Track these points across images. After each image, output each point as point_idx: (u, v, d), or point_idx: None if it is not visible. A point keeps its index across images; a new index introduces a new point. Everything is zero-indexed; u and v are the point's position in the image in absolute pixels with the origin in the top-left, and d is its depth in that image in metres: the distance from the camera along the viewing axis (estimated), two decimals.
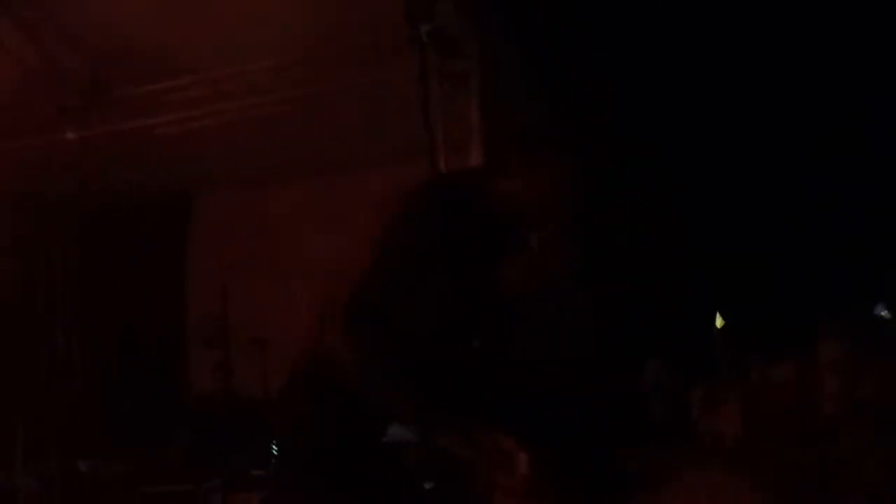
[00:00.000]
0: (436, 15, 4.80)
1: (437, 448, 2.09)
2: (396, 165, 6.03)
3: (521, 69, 4.76)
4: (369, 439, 2.24)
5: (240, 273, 6.03)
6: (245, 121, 5.82)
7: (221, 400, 5.87)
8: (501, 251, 2.28)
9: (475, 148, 5.13)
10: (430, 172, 5.21)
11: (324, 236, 6.00)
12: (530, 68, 4.71)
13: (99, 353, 7.16)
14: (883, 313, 3.27)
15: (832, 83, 4.24)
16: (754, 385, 2.98)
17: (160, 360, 6.98)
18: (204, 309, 6.45)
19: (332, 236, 5.65)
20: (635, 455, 3.15)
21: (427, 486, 2.25)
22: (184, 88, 5.79)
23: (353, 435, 2.32)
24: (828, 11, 4.13)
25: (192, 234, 7.24)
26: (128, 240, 7.09)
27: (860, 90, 4.22)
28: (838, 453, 2.26)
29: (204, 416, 5.95)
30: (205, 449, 5.68)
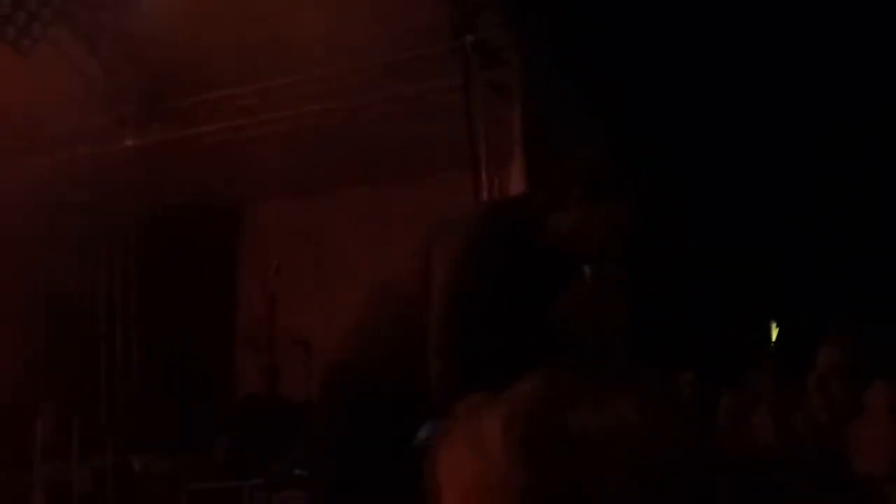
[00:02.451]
0: (479, 26, 4.87)
1: None
2: (441, 175, 6.12)
3: (563, 79, 4.81)
4: (399, 442, 2.31)
5: (287, 279, 6.17)
6: (294, 130, 5.96)
7: (267, 401, 6.00)
8: (557, 284, 2.35)
9: (517, 158, 5.19)
10: (474, 182, 5.28)
11: (368, 244, 6.10)
12: (573, 79, 4.75)
13: (154, 354, 7.37)
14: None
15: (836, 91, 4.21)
16: (783, 394, 2.98)
17: (211, 363, 7.16)
18: (253, 313, 6.60)
19: (376, 245, 5.75)
20: None
21: None
22: (235, 98, 5.96)
23: (383, 437, 2.39)
24: (832, 14, 4.10)
25: (242, 240, 7.42)
26: (182, 246, 7.29)
27: (864, 95, 4.18)
28: None
29: (250, 416, 6.09)
30: (250, 448, 5.81)
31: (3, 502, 5.77)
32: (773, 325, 3.94)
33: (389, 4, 5.07)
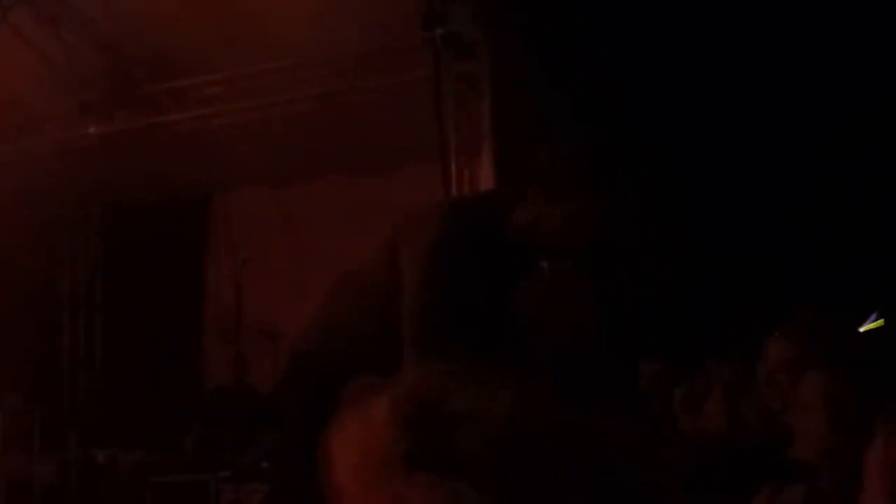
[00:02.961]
0: (450, 19, 4.86)
1: None
2: (410, 165, 6.12)
3: (533, 73, 4.82)
4: None
5: (256, 269, 6.12)
6: (263, 119, 5.91)
7: (235, 393, 5.97)
8: (518, 277, 2.41)
9: (487, 150, 5.19)
10: (443, 174, 5.28)
11: (339, 235, 6.07)
12: (543, 73, 4.76)
13: (118, 345, 7.29)
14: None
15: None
16: (735, 383, 3.04)
17: (178, 354, 7.10)
18: (220, 304, 6.56)
19: (347, 235, 5.73)
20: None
21: None
22: (204, 86, 5.89)
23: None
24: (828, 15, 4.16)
25: (210, 230, 7.34)
26: (148, 235, 7.21)
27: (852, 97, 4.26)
28: None
29: (218, 408, 6.05)
30: (218, 440, 5.78)
31: None
32: (733, 317, 4.02)
33: None
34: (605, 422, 0.93)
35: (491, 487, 0.78)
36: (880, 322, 3.57)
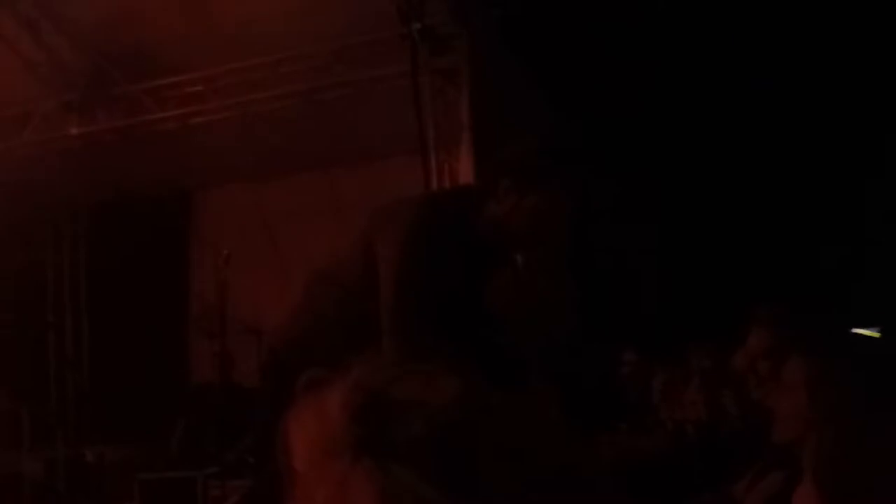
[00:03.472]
0: (426, 14, 4.91)
1: None
2: (390, 159, 6.17)
3: (510, 66, 4.88)
4: None
5: (239, 265, 6.16)
6: (243, 117, 5.94)
7: (220, 389, 6.00)
8: (491, 269, 2.46)
9: (466, 142, 5.25)
10: (423, 167, 5.33)
11: (321, 230, 6.11)
12: (519, 66, 4.82)
13: (104, 344, 7.32)
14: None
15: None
16: (714, 372, 3.11)
17: (163, 351, 7.13)
18: (205, 301, 6.59)
19: (329, 230, 5.77)
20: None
21: None
22: (184, 85, 5.92)
23: None
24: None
25: (193, 227, 7.38)
26: (132, 233, 7.23)
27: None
28: None
29: (203, 405, 6.08)
30: (204, 437, 5.82)
31: None
32: (708, 305, 4.08)
33: None
34: (540, 409, 1.00)
35: (431, 472, 0.83)
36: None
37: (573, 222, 2.48)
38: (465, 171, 5.24)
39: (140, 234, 7.12)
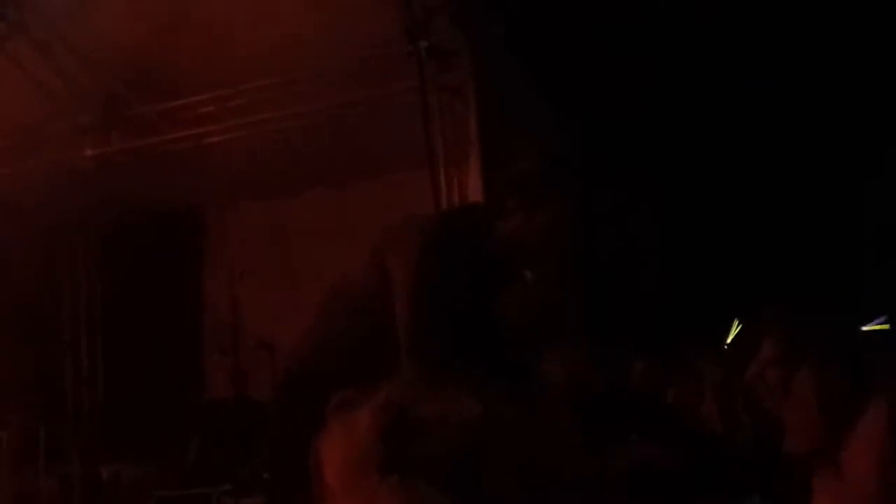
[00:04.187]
0: (432, 31, 4.98)
1: None
2: (403, 174, 6.22)
3: (516, 81, 4.93)
4: None
5: (252, 281, 6.22)
6: (255, 136, 6.01)
7: (234, 405, 6.05)
8: (499, 284, 2.51)
9: (474, 157, 5.30)
10: (432, 183, 5.39)
11: (333, 245, 6.17)
12: (525, 81, 4.87)
13: (119, 362, 7.38)
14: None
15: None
16: (727, 384, 3.12)
17: (177, 368, 7.18)
18: (218, 318, 6.65)
19: (341, 245, 5.82)
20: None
21: None
22: (195, 106, 6.00)
23: None
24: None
25: (207, 245, 7.45)
26: (146, 252, 7.31)
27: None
28: None
29: (218, 421, 6.13)
30: (218, 453, 5.86)
31: None
32: (719, 317, 4.10)
33: (345, 12, 5.15)
34: (553, 424, 1.03)
35: (452, 488, 0.86)
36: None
37: (581, 236, 2.52)
38: (474, 186, 5.28)
39: (154, 252, 7.19)
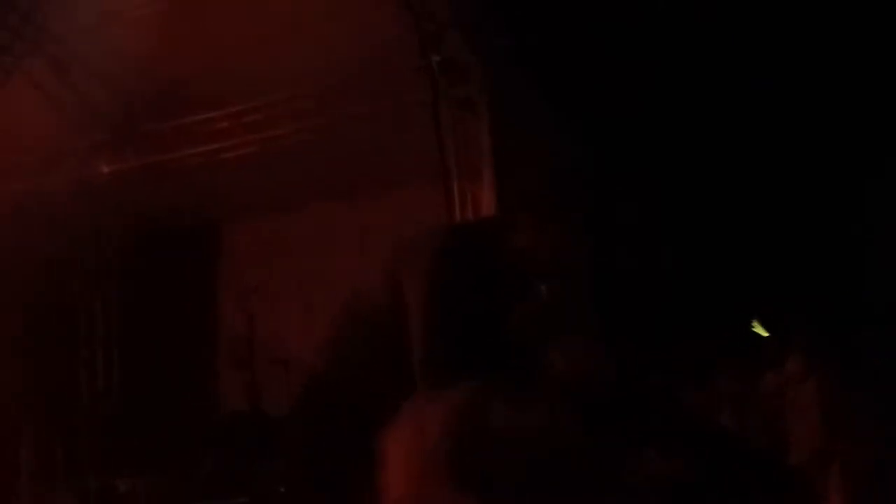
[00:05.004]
0: (444, 45, 5.01)
1: None
2: (414, 187, 6.24)
3: (527, 94, 4.95)
4: (372, 452, 2.43)
5: (265, 295, 6.25)
6: (267, 151, 6.06)
7: (249, 418, 6.07)
8: (513, 299, 2.52)
9: (487, 170, 5.32)
10: (445, 195, 5.41)
11: (345, 259, 6.20)
12: (537, 94, 4.89)
13: (135, 376, 7.42)
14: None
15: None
16: (743, 396, 3.11)
17: (193, 382, 7.22)
18: (233, 332, 6.68)
19: (353, 258, 5.86)
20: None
21: None
22: (208, 122, 6.06)
23: (355, 448, 2.51)
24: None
25: (221, 260, 7.49)
26: (160, 266, 7.35)
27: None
28: None
29: (233, 434, 6.15)
30: (234, 466, 5.87)
31: None
32: (736, 331, 4.08)
33: (357, 27, 5.20)
34: (605, 437, 1.03)
35: (526, 499, 0.85)
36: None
37: (595, 249, 2.54)
38: (487, 199, 5.30)
39: (169, 267, 7.24)
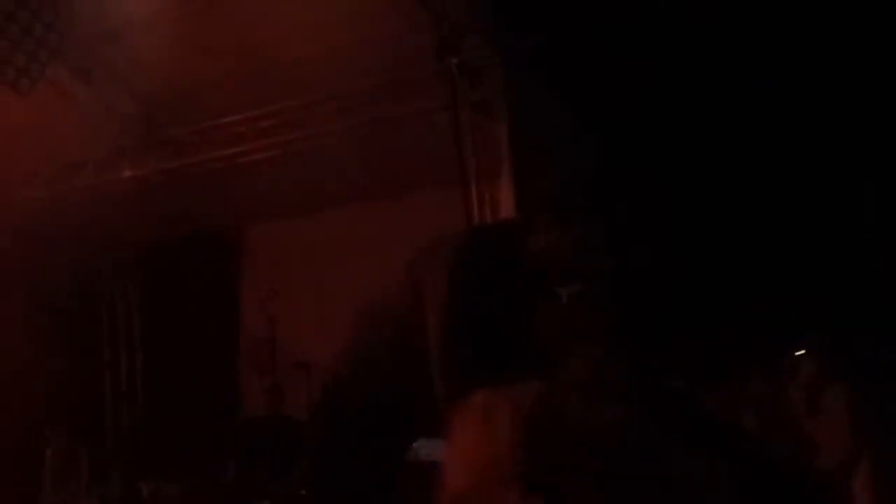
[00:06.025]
0: (463, 48, 5.00)
1: None
2: (431, 192, 6.24)
3: (546, 96, 4.93)
4: (393, 456, 2.42)
5: (287, 300, 6.28)
6: (287, 155, 6.09)
7: (271, 422, 6.09)
8: (534, 302, 2.51)
9: (506, 173, 5.30)
10: (465, 199, 5.40)
11: (366, 263, 6.21)
12: (556, 96, 4.87)
13: (158, 380, 7.48)
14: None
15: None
16: (767, 400, 3.06)
17: (215, 387, 7.26)
18: (255, 337, 6.72)
19: (373, 262, 5.86)
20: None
21: None
22: (229, 126, 6.10)
23: (377, 452, 2.50)
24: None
25: (243, 264, 7.53)
26: (184, 270, 7.41)
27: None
28: None
29: (255, 438, 6.18)
30: (256, 470, 5.90)
31: None
32: (757, 332, 4.03)
33: (375, 31, 5.21)
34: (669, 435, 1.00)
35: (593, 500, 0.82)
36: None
37: (615, 252, 2.51)
38: (507, 202, 5.28)
39: (191, 271, 7.30)
